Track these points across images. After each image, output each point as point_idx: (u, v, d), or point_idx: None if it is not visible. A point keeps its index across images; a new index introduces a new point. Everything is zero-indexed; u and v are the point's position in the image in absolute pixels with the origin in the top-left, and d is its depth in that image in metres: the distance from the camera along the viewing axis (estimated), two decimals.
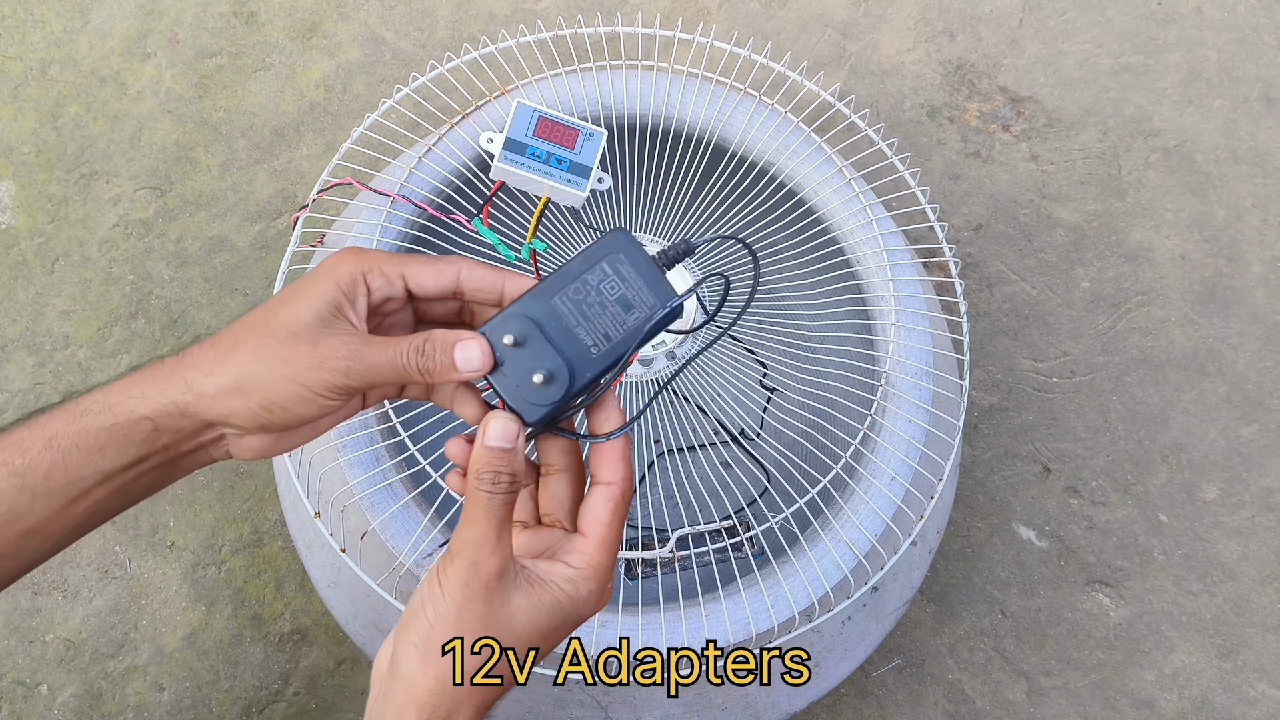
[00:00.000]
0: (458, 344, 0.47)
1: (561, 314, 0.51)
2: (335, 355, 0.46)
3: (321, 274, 0.48)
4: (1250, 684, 1.17)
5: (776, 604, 0.74)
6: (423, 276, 0.49)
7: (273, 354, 0.46)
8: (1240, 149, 1.34)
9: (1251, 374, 1.26)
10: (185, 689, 1.13)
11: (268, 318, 0.48)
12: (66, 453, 0.48)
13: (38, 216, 1.28)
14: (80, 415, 0.48)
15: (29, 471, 0.47)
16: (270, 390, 0.46)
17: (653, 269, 0.53)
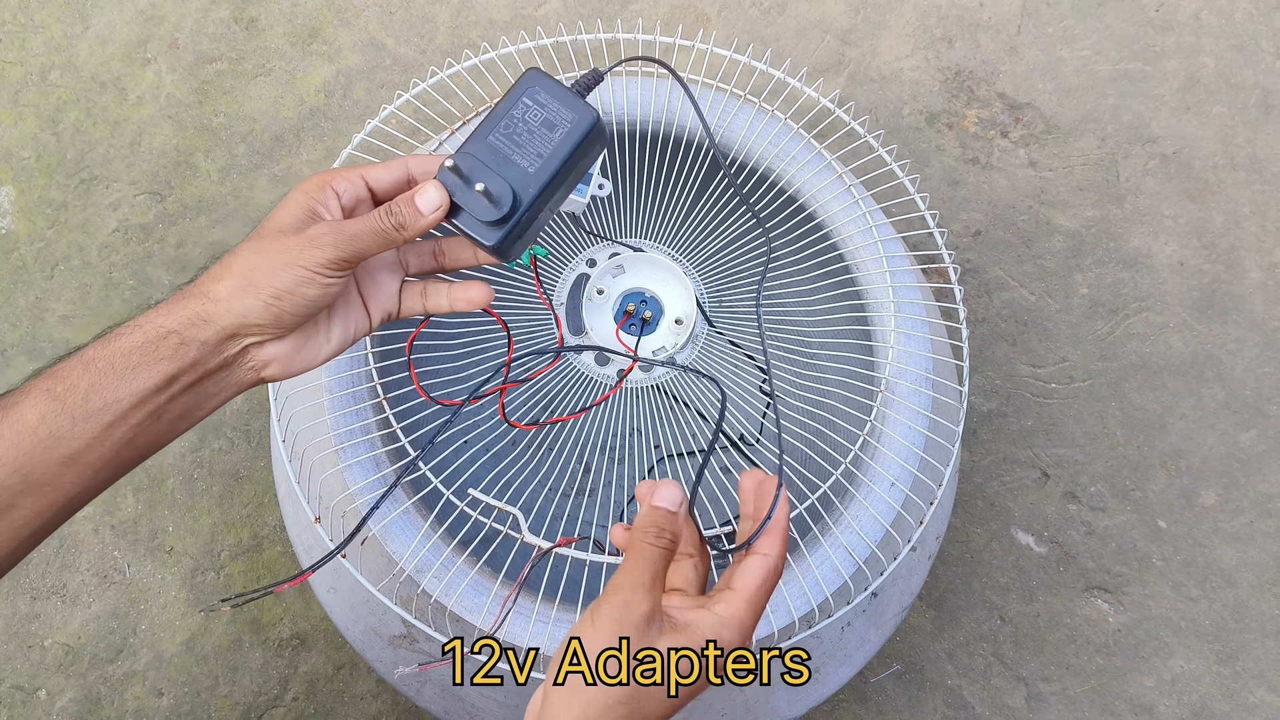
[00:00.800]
0: (416, 193, 0.56)
1: (498, 148, 0.58)
2: (320, 235, 0.54)
3: (294, 191, 0.57)
4: (1249, 690, 1.17)
5: (776, 609, 0.74)
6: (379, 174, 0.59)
7: (268, 248, 0.54)
8: (1238, 155, 1.35)
9: (1250, 380, 1.26)
10: (184, 694, 1.13)
11: (258, 233, 0.56)
12: (102, 374, 0.52)
13: (38, 221, 1.28)
14: (113, 339, 0.52)
15: (68, 394, 0.51)
16: (275, 278, 0.53)
17: (568, 93, 0.60)
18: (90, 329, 1.24)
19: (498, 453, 0.99)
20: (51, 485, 0.52)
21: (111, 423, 0.52)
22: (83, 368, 0.52)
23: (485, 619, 0.73)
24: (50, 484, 0.52)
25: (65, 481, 0.52)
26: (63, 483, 0.52)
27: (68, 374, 0.51)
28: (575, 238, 0.88)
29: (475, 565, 0.75)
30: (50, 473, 0.51)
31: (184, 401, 0.55)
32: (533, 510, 0.84)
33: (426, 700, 0.85)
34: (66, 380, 0.51)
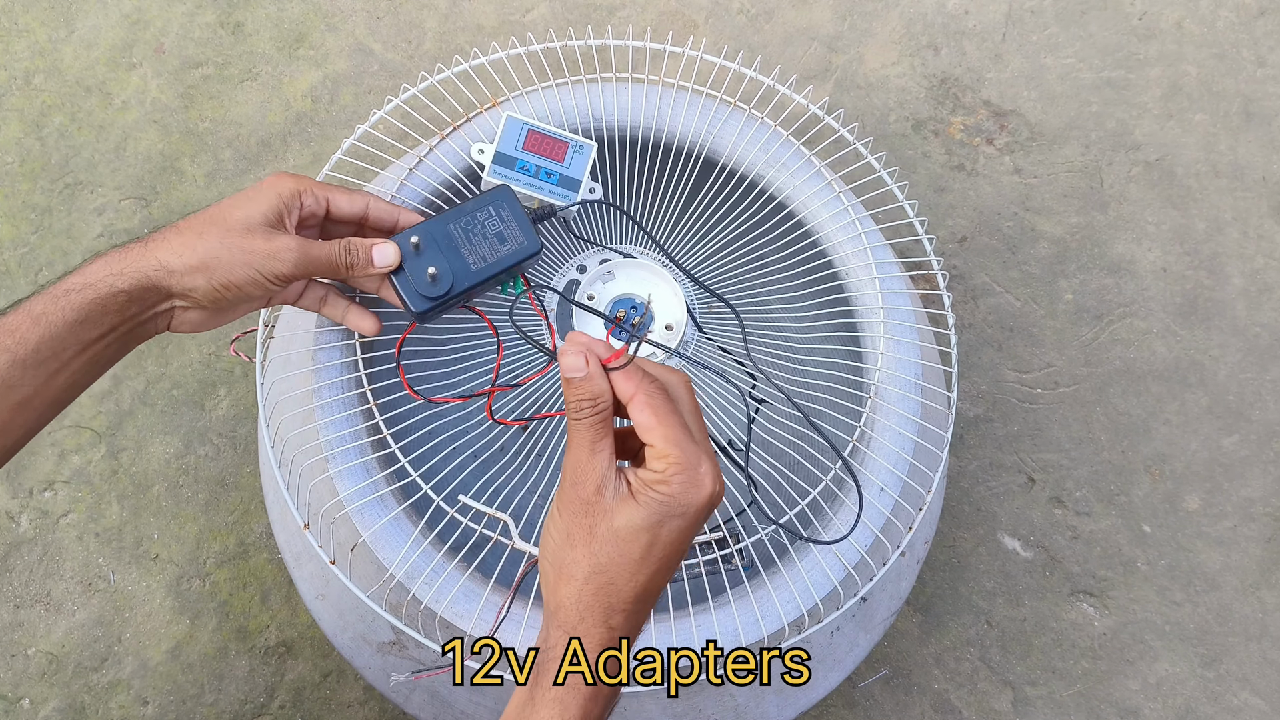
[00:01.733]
0: (375, 246, 0.64)
1: (453, 236, 0.70)
2: (286, 249, 0.60)
3: (267, 187, 0.61)
4: (1233, 693, 1.18)
5: (766, 615, 0.75)
6: (342, 203, 0.65)
7: (233, 244, 0.58)
8: (1220, 163, 1.36)
9: (1233, 385, 1.27)
10: (169, 703, 1.12)
11: (224, 215, 0.59)
12: (53, 326, 0.55)
13: (21, 226, 1.27)
14: (64, 294, 0.56)
15: (19, 347, 0.55)
16: (231, 272, 0.59)
17: (525, 220, 0.72)
18: None
19: (487, 459, 0.99)
20: (3, 431, 0.56)
21: (57, 370, 0.56)
22: (32, 321, 0.55)
23: (476, 625, 0.73)
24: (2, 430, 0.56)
25: (15, 425, 0.56)
26: (13, 427, 0.56)
27: (16, 328, 0.55)
28: (565, 243, 0.88)
29: (466, 571, 0.75)
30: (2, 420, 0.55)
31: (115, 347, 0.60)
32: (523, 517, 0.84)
33: (415, 707, 0.85)
34: (16, 334, 0.55)
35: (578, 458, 0.51)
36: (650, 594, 0.51)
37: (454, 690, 0.83)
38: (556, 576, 0.51)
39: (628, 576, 0.49)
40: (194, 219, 0.60)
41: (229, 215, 0.59)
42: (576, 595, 0.50)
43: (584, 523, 0.50)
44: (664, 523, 0.49)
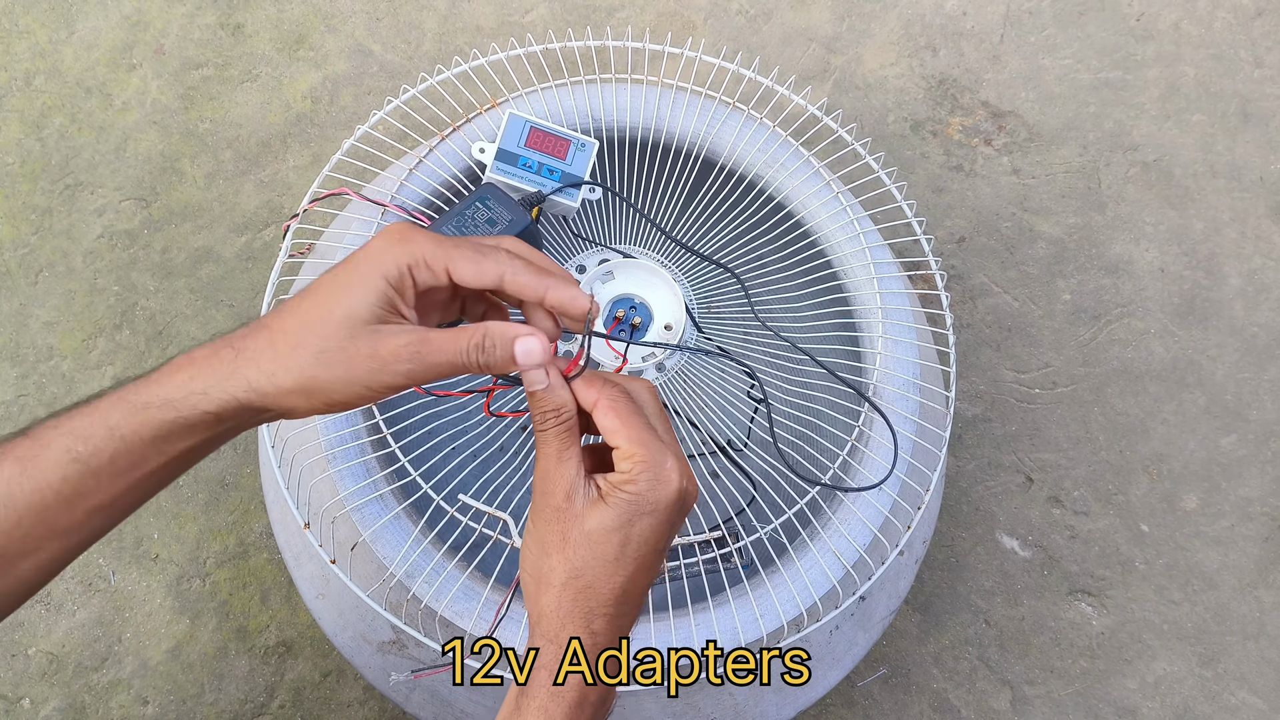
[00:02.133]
0: (517, 339, 0.50)
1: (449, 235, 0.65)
2: (396, 359, 0.48)
3: (369, 267, 0.49)
4: (1231, 692, 1.18)
5: (765, 614, 0.75)
6: (466, 274, 0.50)
7: (334, 358, 0.47)
8: (1218, 163, 1.36)
9: (1230, 385, 1.28)
10: (169, 702, 1.12)
11: (323, 315, 0.48)
12: (129, 441, 0.49)
13: (22, 227, 1.27)
14: (141, 409, 0.49)
15: (92, 457, 0.49)
16: (333, 392, 0.48)
17: (513, 202, 0.76)
18: (74, 335, 1.23)
19: (487, 459, 0.99)
20: (76, 530, 0.51)
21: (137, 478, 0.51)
22: (107, 433, 0.49)
23: (476, 624, 0.73)
24: (75, 529, 0.51)
25: (90, 525, 0.51)
26: (90, 526, 0.51)
27: (90, 437, 0.49)
28: (565, 243, 0.88)
29: (466, 570, 0.75)
30: (75, 521, 0.50)
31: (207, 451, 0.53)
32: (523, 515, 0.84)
33: (415, 706, 0.85)
34: (90, 444, 0.49)
35: (545, 467, 0.51)
36: (631, 595, 0.50)
37: (454, 690, 0.83)
38: (536, 587, 0.51)
39: (605, 578, 0.49)
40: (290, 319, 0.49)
41: (328, 316, 0.48)
42: (556, 602, 0.50)
43: (557, 529, 0.50)
44: (634, 521, 0.49)
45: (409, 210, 0.83)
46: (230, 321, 1.25)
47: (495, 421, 0.96)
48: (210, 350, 0.50)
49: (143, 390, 0.49)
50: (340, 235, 0.84)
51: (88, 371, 1.23)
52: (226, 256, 1.28)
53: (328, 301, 0.48)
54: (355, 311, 0.48)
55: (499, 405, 0.91)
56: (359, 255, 0.50)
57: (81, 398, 0.51)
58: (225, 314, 1.26)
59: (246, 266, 1.28)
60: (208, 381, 0.49)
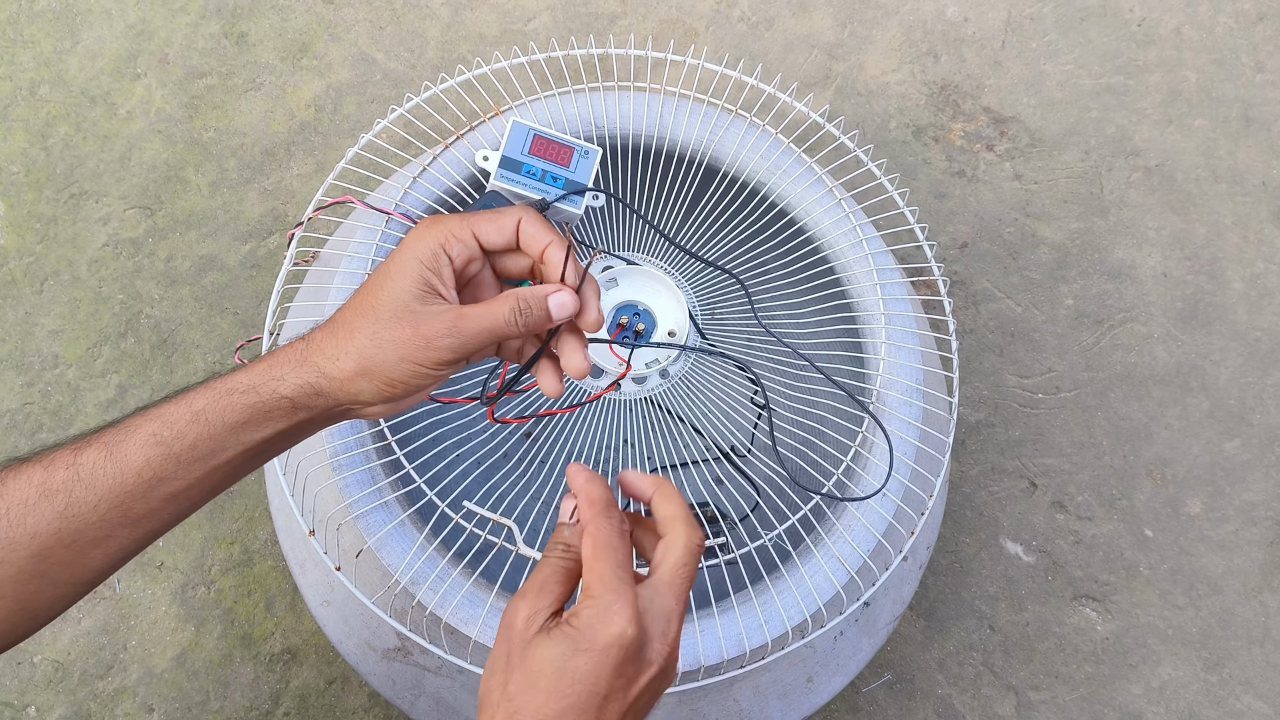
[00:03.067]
0: (550, 295, 0.55)
1: None
2: (438, 335, 0.52)
3: (406, 253, 0.53)
4: (1236, 697, 1.18)
5: (770, 620, 0.75)
6: (489, 231, 0.55)
7: (384, 338, 0.52)
8: (1220, 168, 1.36)
9: (1234, 389, 1.28)
10: (175, 709, 1.12)
11: (372, 302, 0.53)
12: (212, 426, 0.53)
13: (27, 236, 1.28)
14: (226, 394, 0.53)
15: (174, 441, 0.52)
16: (389, 370, 0.53)
17: None
18: (79, 343, 1.24)
19: (491, 465, 1.00)
20: (150, 518, 0.54)
21: (215, 466, 0.54)
22: (191, 418, 0.53)
23: (481, 631, 0.73)
24: (149, 517, 0.53)
25: (164, 514, 0.54)
26: (162, 515, 0.54)
27: (175, 421, 0.53)
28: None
29: (470, 577, 0.75)
30: (151, 508, 0.53)
31: (281, 445, 0.57)
32: (527, 522, 0.84)
33: (420, 713, 0.85)
34: (174, 428, 0.52)
35: (522, 590, 0.51)
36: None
37: (459, 696, 0.83)
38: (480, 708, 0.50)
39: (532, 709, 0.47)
40: (347, 310, 0.54)
41: (376, 303, 0.53)
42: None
43: (503, 650, 0.50)
44: (570, 656, 0.47)
45: (413, 218, 0.83)
46: (235, 330, 1.26)
47: (499, 428, 0.96)
48: (289, 345, 0.55)
49: (228, 379, 0.54)
50: (344, 243, 0.84)
51: (93, 379, 1.23)
52: (231, 265, 1.29)
53: (375, 290, 0.53)
54: (398, 295, 0.52)
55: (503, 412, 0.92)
56: (398, 247, 0.54)
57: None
58: (230, 322, 1.26)
59: (251, 275, 1.28)
60: (284, 369, 0.53)
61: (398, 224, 0.83)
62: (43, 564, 0.52)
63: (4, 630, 0.53)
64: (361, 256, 0.82)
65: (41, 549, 0.52)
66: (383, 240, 0.82)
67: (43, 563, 0.52)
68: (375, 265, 0.82)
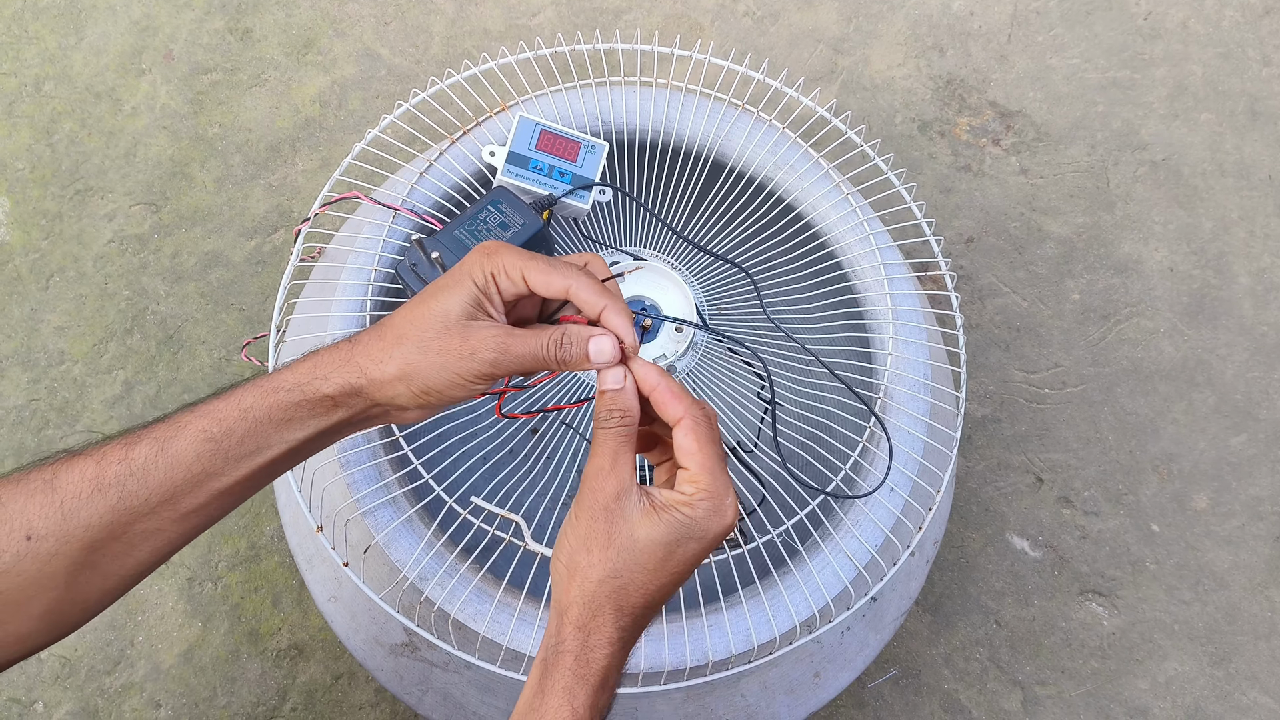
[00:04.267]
0: (591, 339, 0.56)
1: (461, 239, 0.75)
2: (483, 348, 0.54)
3: (461, 274, 0.55)
4: (1242, 691, 1.18)
5: (778, 615, 0.75)
6: (538, 282, 0.55)
7: (430, 346, 0.54)
8: (1226, 162, 1.36)
9: (1240, 384, 1.28)
10: (182, 705, 1.13)
11: (423, 312, 0.55)
12: (259, 423, 0.55)
13: (32, 232, 1.28)
14: (272, 391, 0.55)
15: (224, 438, 0.54)
16: (429, 377, 0.54)
17: (524, 205, 0.77)
18: (85, 340, 1.24)
19: (498, 462, 1.00)
20: (198, 513, 0.56)
21: (261, 463, 0.56)
22: (240, 415, 0.55)
23: (489, 626, 0.73)
24: (197, 512, 0.56)
25: (211, 509, 0.56)
26: (209, 510, 0.56)
27: (224, 418, 0.55)
28: (576, 245, 0.88)
29: (478, 573, 0.75)
30: (199, 503, 0.55)
31: (321, 444, 0.59)
32: (534, 518, 0.84)
33: (428, 708, 0.86)
34: (224, 424, 0.55)
35: (599, 465, 0.53)
36: (658, 603, 0.53)
37: (466, 691, 0.83)
38: (569, 577, 0.53)
39: (640, 584, 0.52)
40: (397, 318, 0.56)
41: (427, 313, 0.55)
42: (591, 595, 0.52)
43: (603, 529, 0.52)
44: (681, 543, 0.52)
45: (420, 214, 0.83)
46: (240, 326, 1.26)
47: (507, 424, 0.96)
48: (334, 345, 0.57)
49: (274, 378, 0.56)
50: (350, 239, 0.84)
51: (99, 376, 1.23)
52: (236, 261, 1.29)
53: (428, 303, 0.55)
54: (449, 310, 0.54)
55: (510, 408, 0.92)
56: (455, 267, 0.56)
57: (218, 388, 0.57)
58: (235, 318, 1.26)
59: (256, 271, 1.28)
60: (329, 368, 0.56)
61: (404, 219, 0.83)
62: (94, 555, 0.53)
63: (55, 620, 0.54)
64: (368, 252, 0.81)
65: (94, 541, 0.53)
66: (389, 235, 0.82)
67: (94, 554, 0.53)
68: (381, 260, 0.82)
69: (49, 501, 0.53)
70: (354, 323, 0.80)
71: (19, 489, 0.53)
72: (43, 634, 0.55)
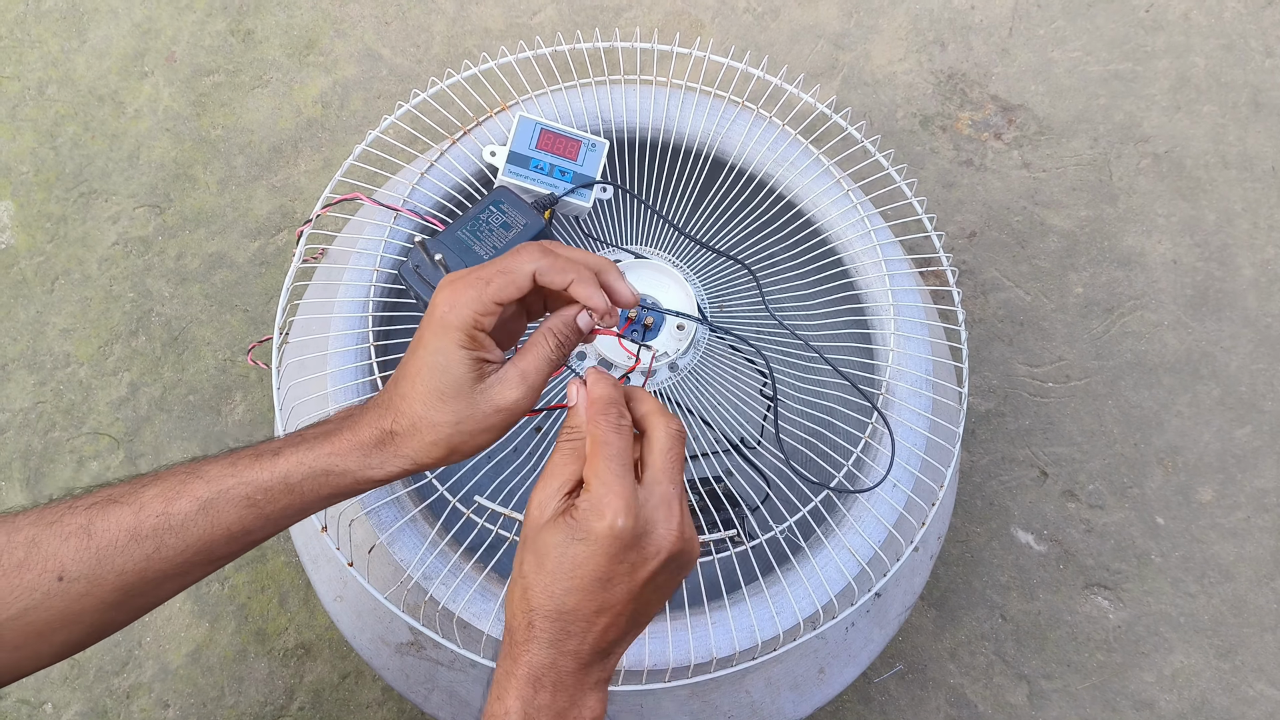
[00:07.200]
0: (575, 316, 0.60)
1: (463, 240, 0.75)
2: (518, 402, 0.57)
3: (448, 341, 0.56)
4: (1249, 684, 1.18)
5: (782, 611, 0.75)
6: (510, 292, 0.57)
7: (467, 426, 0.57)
8: (1229, 154, 1.36)
9: (1244, 376, 1.27)
10: (190, 705, 1.13)
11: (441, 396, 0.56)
12: (306, 498, 0.58)
13: (37, 235, 1.29)
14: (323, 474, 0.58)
15: (268, 504, 0.57)
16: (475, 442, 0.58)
17: (526, 205, 0.78)
18: (91, 342, 1.24)
19: (501, 460, 1.00)
20: (226, 558, 0.59)
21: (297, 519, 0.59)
22: (286, 489, 0.57)
23: (493, 625, 0.73)
24: (226, 558, 0.59)
25: (237, 554, 0.59)
26: (235, 555, 0.59)
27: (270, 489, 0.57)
28: (577, 244, 0.88)
29: (483, 572, 0.75)
30: (230, 550, 0.58)
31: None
32: None
33: (434, 707, 0.86)
34: (268, 494, 0.57)
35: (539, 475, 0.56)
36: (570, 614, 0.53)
37: (472, 689, 0.83)
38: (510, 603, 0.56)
39: (540, 588, 0.53)
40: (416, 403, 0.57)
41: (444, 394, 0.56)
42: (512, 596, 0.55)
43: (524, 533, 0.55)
44: (569, 544, 0.52)
45: (422, 215, 0.83)
46: (245, 327, 1.26)
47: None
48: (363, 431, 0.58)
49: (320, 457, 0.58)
50: (353, 239, 0.84)
51: (104, 378, 1.24)
52: (240, 262, 1.29)
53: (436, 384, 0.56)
54: (461, 385, 0.56)
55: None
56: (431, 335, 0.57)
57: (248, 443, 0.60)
58: (240, 319, 1.27)
59: (260, 272, 1.29)
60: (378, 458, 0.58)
61: (405, 220, 0.83)
62: (123, 596, 0.55)
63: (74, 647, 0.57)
64: (370, 253, 0.82)
65: (125, 585, 0.55)
66: (391, 236, 0.82)
67: (124, 595, 0.55)
68: (383, 261, 0.82)
69: (83, 546, 0.55)
70: (357, 323, 0.80)
71: (53, 531, 0.55)
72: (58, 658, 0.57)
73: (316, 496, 0.58)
